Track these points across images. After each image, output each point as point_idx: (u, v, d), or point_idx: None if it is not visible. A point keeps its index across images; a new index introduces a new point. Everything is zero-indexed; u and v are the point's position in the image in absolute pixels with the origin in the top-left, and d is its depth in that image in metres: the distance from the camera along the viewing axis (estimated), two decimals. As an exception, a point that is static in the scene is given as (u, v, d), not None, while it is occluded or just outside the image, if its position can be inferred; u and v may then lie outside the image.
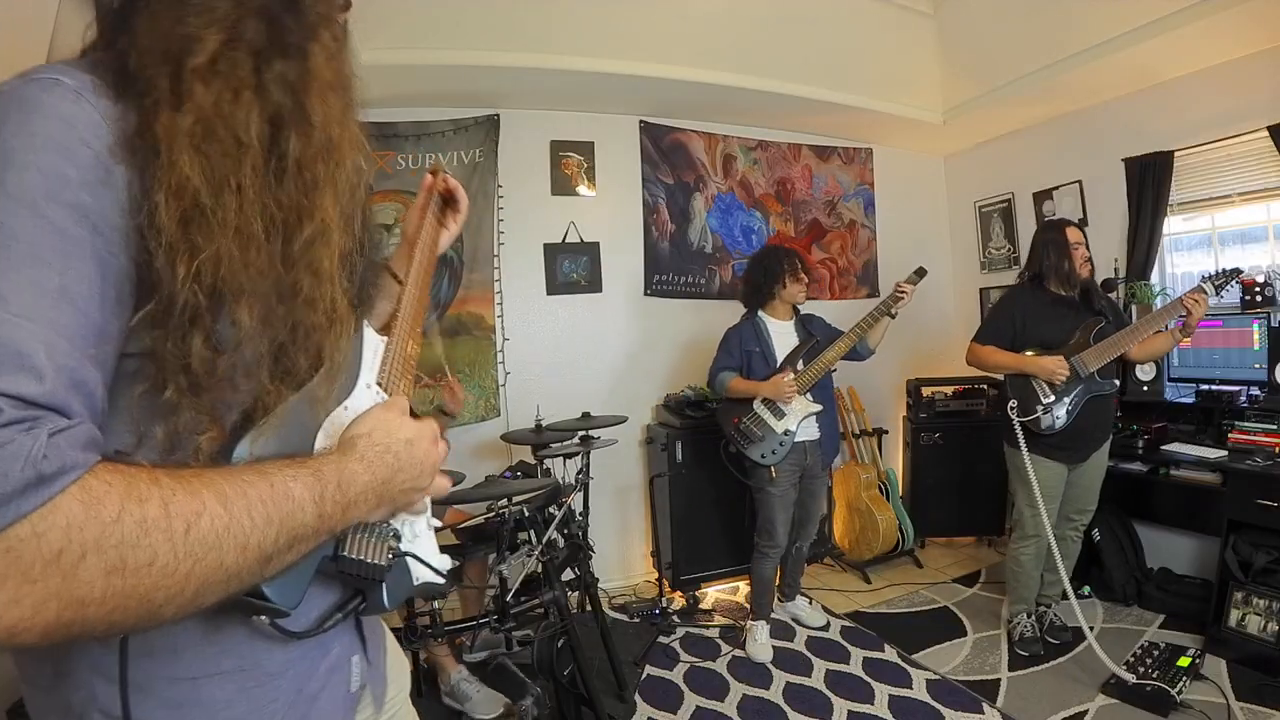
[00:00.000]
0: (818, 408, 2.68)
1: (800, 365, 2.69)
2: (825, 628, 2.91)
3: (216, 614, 0.55)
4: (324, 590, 0.64)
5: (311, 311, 0.58)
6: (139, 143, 0.48)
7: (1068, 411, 2.45)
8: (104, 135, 0.47)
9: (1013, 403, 2.53)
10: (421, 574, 0.72)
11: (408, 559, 0.69)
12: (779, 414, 2.66)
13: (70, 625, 0.40)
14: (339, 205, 0.60)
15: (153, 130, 0.49)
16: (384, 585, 0.65)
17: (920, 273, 2.65)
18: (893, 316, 2.64)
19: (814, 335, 2.77)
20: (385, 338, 0.75)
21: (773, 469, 2.66)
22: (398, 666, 0.90)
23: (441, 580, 0.74)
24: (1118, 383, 2.50)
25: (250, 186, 0.53)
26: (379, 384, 0.71)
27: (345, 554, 0.61)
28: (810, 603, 3.09)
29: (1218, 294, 2.34)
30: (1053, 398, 2.46)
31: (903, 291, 2.58)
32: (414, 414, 0.69)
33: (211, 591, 0.46)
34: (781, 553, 2.81)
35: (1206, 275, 2.35)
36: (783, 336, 2.78)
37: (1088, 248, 2.59)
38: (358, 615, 0.71)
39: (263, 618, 0.55)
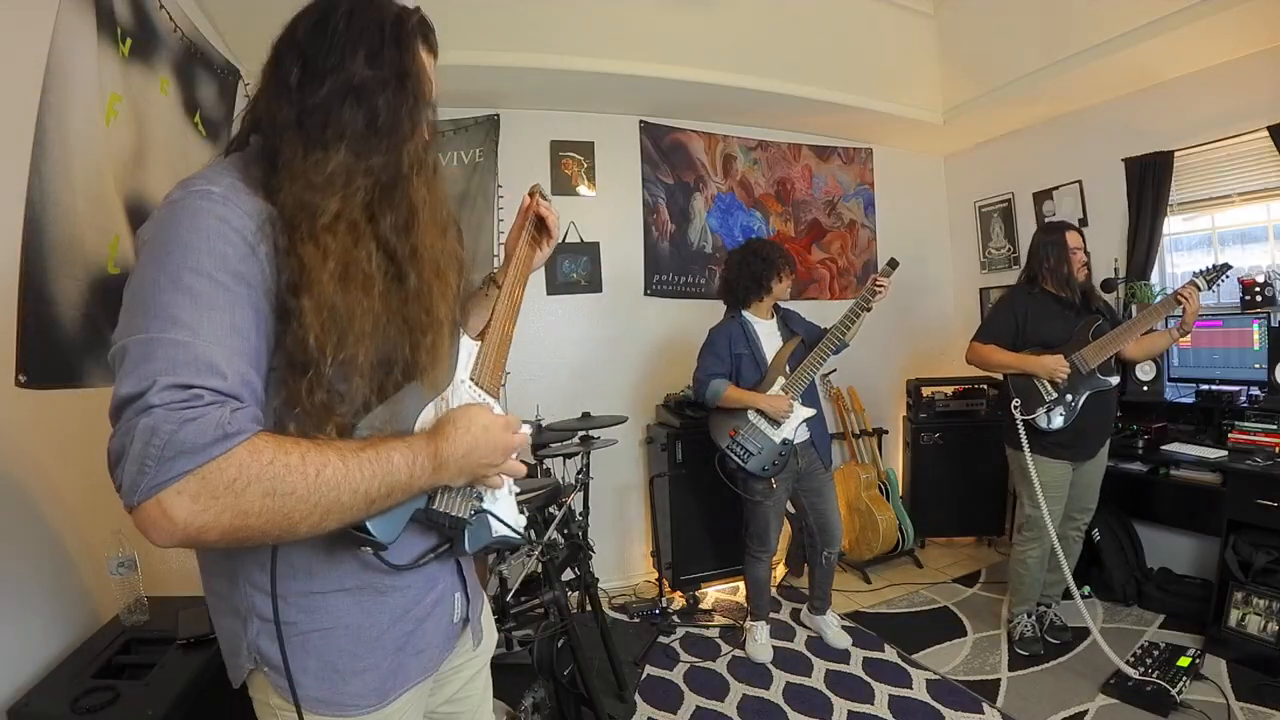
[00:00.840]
0: (811, 412, 2.61)
1: (789, 369, 2.61)
2: (846, 654, 2.71)
3: (339, 548, 0.78)
4: (422, 537, 0.86)
5: (418, 355, 0.81)
6: (286, 251, 0.70)
7: (1071, 409, 2.45)
8: (249, 224, 0.69)
9: (1016, 402, 2.52)
10: (499, 529, 0.91)
11: (488, 516, 0.90)
12: (775, 423, 2.57)
13: (239, 530, 0.62)
14: (447, 299, 0.83)
15: (298, 253, 0.70)
16: (465, 534, 0.87)
17: (893, 264, 2.61)
18: (869, 310, 2.59)
19: (795, 333, 2.71)
20: (479, 342, 0.95)
21: (773, 481, 2.59)
22: (487, 625, 1.09)
23: (517, 536, 0.94)
24: (1118, 378, 2.50)
25: (370, 297, 0.75)
26: (473, 379, 0.93)
27: (435, 507, 0.83)
28: (838, 621, 2.90)
29: (1209, 288, 2.34)
30: (1055, 396, 2.46)
31: (880, 286, 2.54)
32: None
33: (332, 519, 0.67)
34: (772, 556, 2.77)
35: (1198, 271, 2.36)
36: (768, 337, 2.71)
37: (1087, 251, 2.59)
38: (453, 558, 0.94)
39: (366, 549, 0.76)
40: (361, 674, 0.82)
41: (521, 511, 0.98)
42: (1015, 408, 2.51)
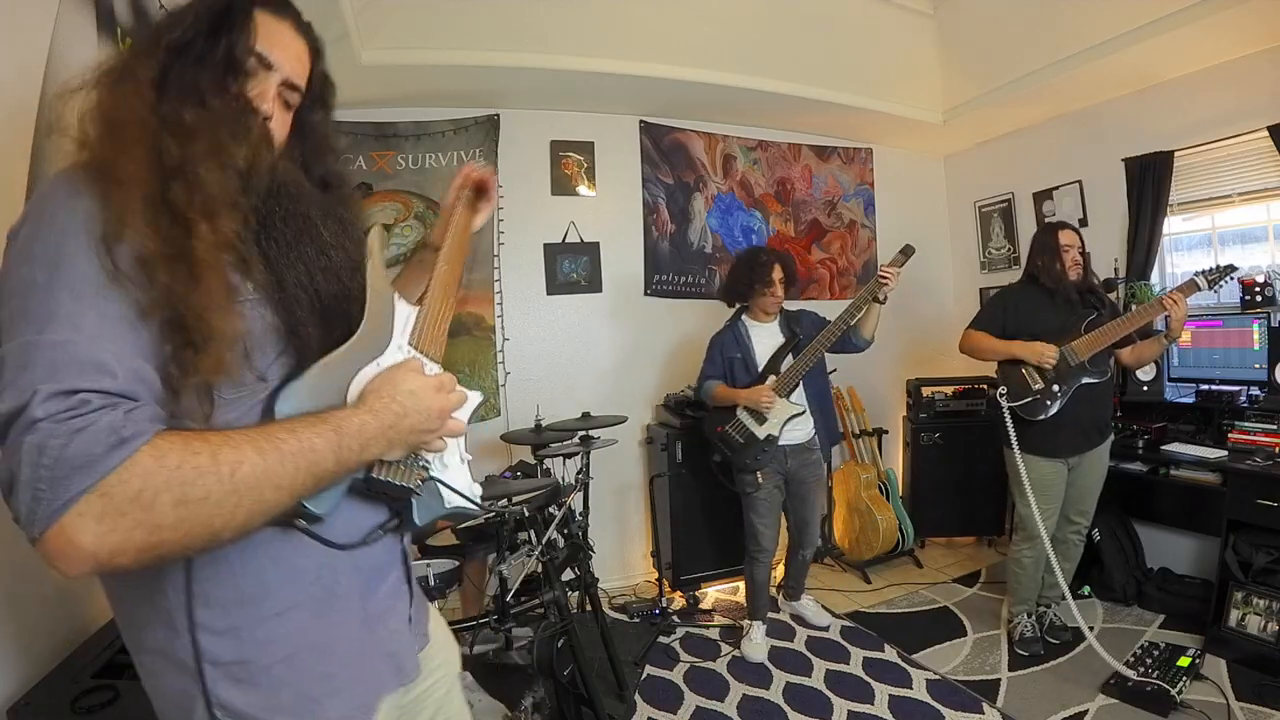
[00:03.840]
0: (798, 409, 2.61)
1: (783, 368, 2.64)
2: (827, 629, 2.91)
3: (288, 552, 0.71)
4: (369, 511, 0.79)
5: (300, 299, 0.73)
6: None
7: (1056, 399, 2.45)
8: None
9: (1002, 390, 2.55)
10: (452, 499, 0.85)
11: (439, 485, 0.83)
12: (760, 419, 2.61)
13: (156, 548, 0.55)
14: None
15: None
16: (414, 505, 0.80)
17: (906, 252, 2.51)
18: (880, 302, 2.52)
19: (797, 334, 2.70)
20: (418, 307, 0.87)
21: (758, 475, 2.64)
22: (448, 646, 1.04)
23: (474, 507, 0.88)
24: (1109, 371, 2.49)
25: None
26: (411, 345, 0.84)
27: (375, 476, 0.75)
28: (815, 602, 3.07)
29: (1211, 289, 2.32)
30: (1042, 385, 2.46)
31: (885, 276, 2.46)
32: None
33: (256, 518, 0.61)
34: (771, 557, 2.78)
35: (1201, 271, 2.34)
36: (765, 339, 2.74)
37: (1083, 250, 2.57)
38: (399, 546, 0.88)
39: (300, 523, 0.69)
40: (337, 694, 0.75)
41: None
42: (1000, 395, 2.54)
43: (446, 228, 1.03)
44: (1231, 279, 2.35)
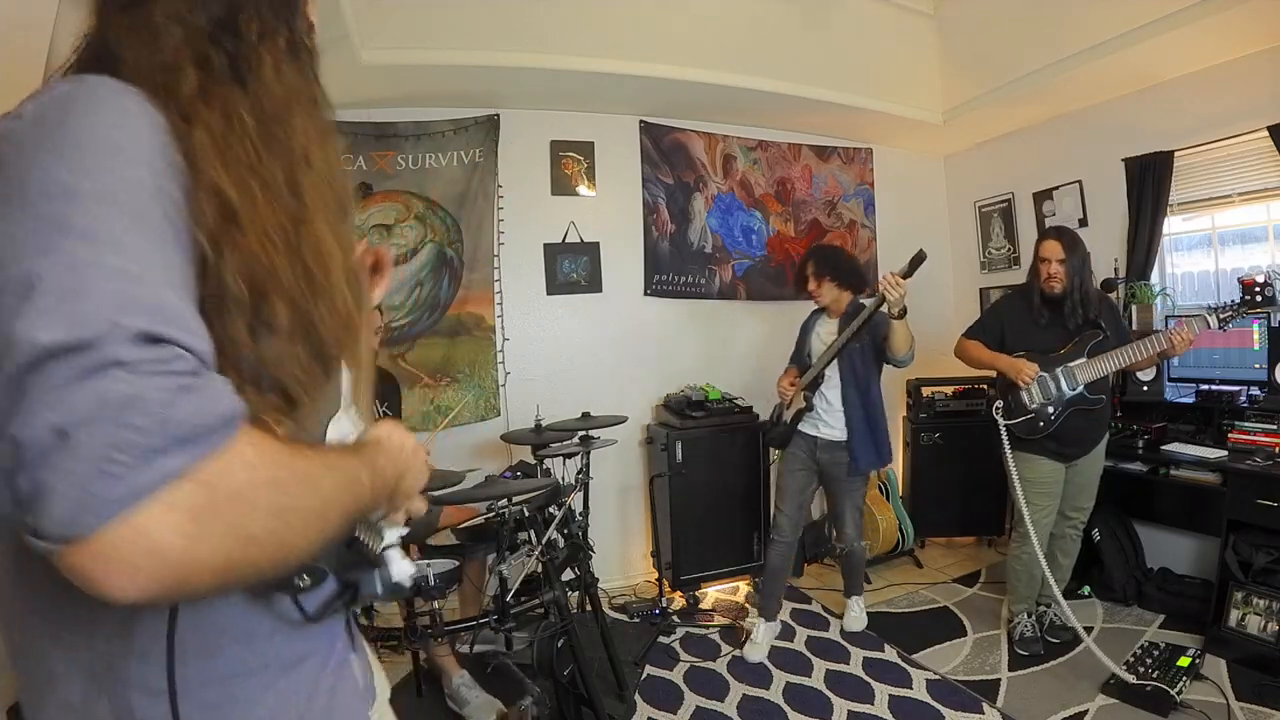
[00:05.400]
0: (802, 405, 2.74)
1: (813, 362, 2.79)
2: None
3: (234, 609, 0.56)
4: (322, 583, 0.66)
5: (333, 313, 0.59)
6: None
7: (1051, 419, 2.47)
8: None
9: (998, 404, 2.58)
10: (398, 573, 0.73)
11: (387, 557, 0.71)
12: (788, 405, 2.84)
13: (235, 567, 0.41)
14: (327, 221, 0.60)
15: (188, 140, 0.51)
16: (376, 575, 0.68)
17: (916, 260, 2.34)
18: (895, 316, 2.44)
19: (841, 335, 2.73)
20: (350, 368, 0.78)
21: (774, 451, 2.82)
22: (378, 673, 0.91)
23: (409, 585, 0.74)
24: (1104, 398, 2.50)
25: (263, 196, 0.54)
26: (353, 401, 0.74)
27: (358, 538, 0.64)
28: (859, 603, 2.98)
29: (1221, 327, 2.29)
30: (1038, 405, 2.48)
31: (882, 285, 2.39)
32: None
33: (315, 546, 0.48)
34: (788, 545, 2.80)
35: (1212, 307, 2.30)
36: (823, 334, 2.85)
37: (1065, 259, 2.45)
38: (354, 606, 0.72)
39: (301, 582, 0.55)
40: None
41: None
42: (996, 410, 2.57)
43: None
44: (1244, 314, 2.30)
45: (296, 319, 0.55)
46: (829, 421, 2.73)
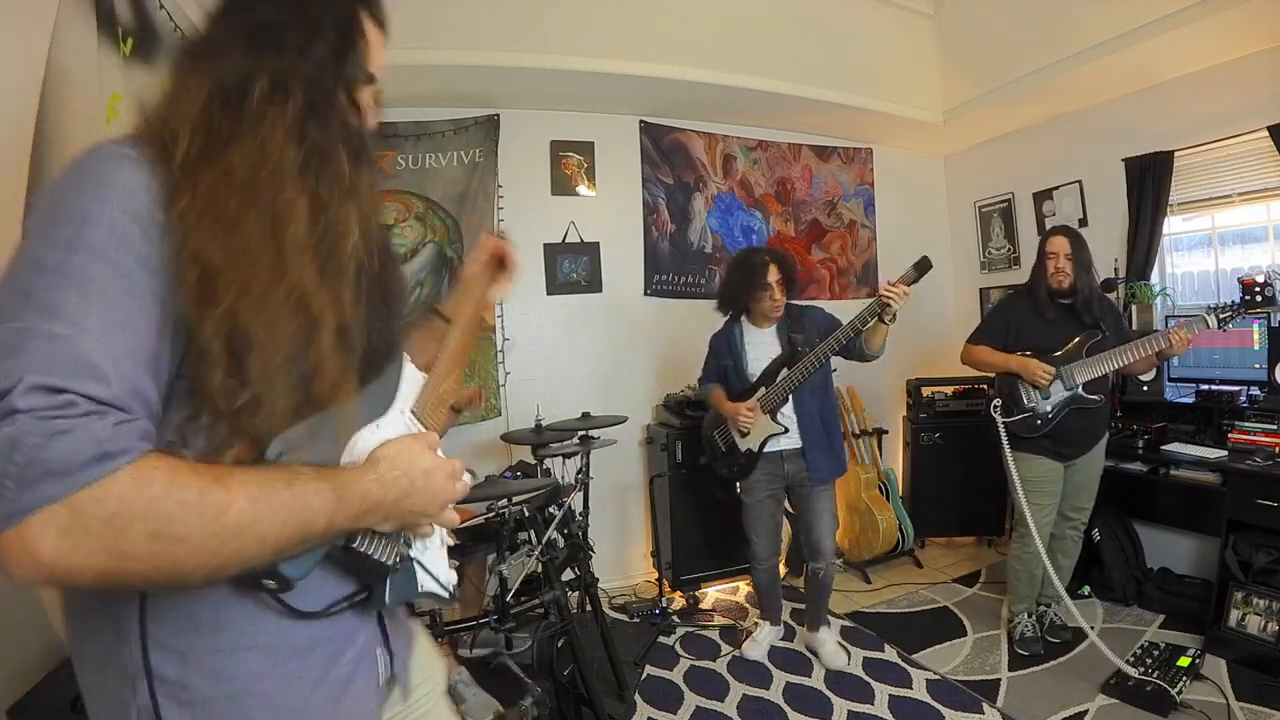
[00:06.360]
0: (779, 429, 2.47)
1: (779, 380, 2.45)
2: (841, 671, 2.56)
3: (249, 595, 0.64)
4: (336, 581, 0.72)
5: (319, 366, 0.65)
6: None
7: (1049, 417, 2.48)
8: (161, 193, 0.59)
9: (996, 402, 2.59)
10: (426, 583, 0.79)
11: (415, 565, 0.78)
12: (742, 434, 2.55)
13: (116, 574, 0.51)
14: (317, 277, 0.66)
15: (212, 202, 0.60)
16: (387, 583, 0.74)
17: (920, 267, 2.22)
18: (886, 322, 2.27)
19: (795, 344, 2.48)
20: (424, 374, 0.86)
21: (738, 484, 2.60)
22: (430, 663, 0.98)
23: (445, 594, 0.82)
24: (1102, 397, 2.49)
25: (243, 260, 0.61)
26: (413, 413, 0.81)
27: (355, 547, 0.70)
28: (836, 638, 2.74)
29: (1220, 327, 2.28)
30: (1035, 403, 2.49)
31: (888, 296, 2.19)
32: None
33: (230, 567, 0.56)
34: (769, 564, 2.68)
35: (1211, 307, 2.30)
36: (761, 347, 2.57)
37: (1070, 255, 2.48)
38: (373, 610, 0.78)
39: (269, 584, 0.62)
40: None
41: (453, 565, 0.87)
42: (995, 409, 2.57)
43: (464, 299, 1.01)
44: (1244, 315, 2.29)
45: (273, 372, 0.61)
46: (759, 438, 2.52)
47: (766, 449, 2.52)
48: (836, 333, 2.37)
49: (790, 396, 2.46)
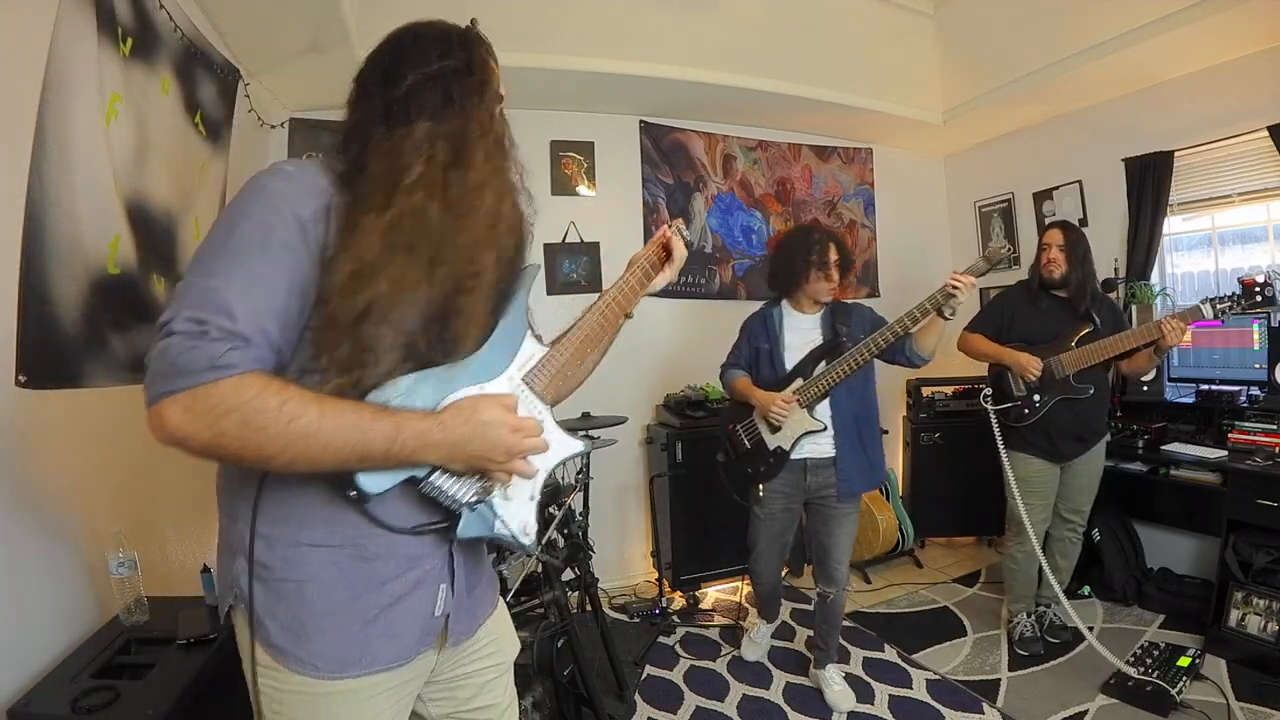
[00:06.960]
0: (818, 426, 2.23)
1: (815, 372, 2.24)
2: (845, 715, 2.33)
3: (339, 504, 0.82)
4: (424, 508, 0.87)
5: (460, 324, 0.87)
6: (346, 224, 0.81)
7: (1035, 410, 2.50)
8: (309, 203, 0.80)
9: (986, 391, 2.63)
10: (498, 527, 0.92)
11: (492, 510, 0.90)
12: (774, 428, 2.28)
13: (216, 447, 0.71)
14: (496, 250, 0.91)
15: (357, 221, 0.81)
16: (462, 517, 0.88)
17: (991, 258, 2.15)
18: (946, 317, 2.12)
19: (840, 335, 2.26)
20: (547, 348, 1.03)
21: (760, 487, 2.33)
22: (504, 637, 1.15)
23: (512, 539, 0.94)
24: (1092, 389, 2.48)
25: (415, 258, 0.82)
26: (523, 380, 0.97)
27: (429, 480, 0.84)
28: (843, 679, 2.44)
29: (1218, 317, 2.30)
30: (1023, 394, 2.52)
31: (956, 285, 2.04)
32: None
33: (302, 463, 0.74)
34: (769, 579, 2.54)
35: (1208, 298, 2.32)
36: (801, 333, 2.35)
37: (1065, 247, 2.52)
38: (446, 545, 0.93)
39: (350, 495, 0.80)
40: (323, 634, 0.82)
41: (540, 523, 0.98)
42: (985, 398, 2.62)
43: (629, 283, 1.25)
44: (1240, 307, 2.29)
45: (381, 347, 0.80)
46: (813, 438, 2.28)
47: (793, 454, 2.27)
48: (884, 328, 2.15)
49: (828, 393, 2.23)
